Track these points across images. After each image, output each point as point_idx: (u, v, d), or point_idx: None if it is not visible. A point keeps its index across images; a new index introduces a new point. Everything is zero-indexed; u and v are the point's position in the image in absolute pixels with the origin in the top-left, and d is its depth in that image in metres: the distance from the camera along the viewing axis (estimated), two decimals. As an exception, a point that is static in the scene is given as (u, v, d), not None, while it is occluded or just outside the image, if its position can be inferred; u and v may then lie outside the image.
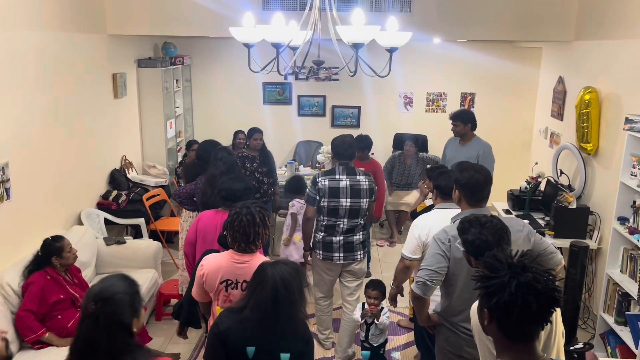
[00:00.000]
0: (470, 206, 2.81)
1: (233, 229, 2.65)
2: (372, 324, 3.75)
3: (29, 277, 3.54)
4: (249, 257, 2.66)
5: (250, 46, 2.99)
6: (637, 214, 3.77)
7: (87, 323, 1.82)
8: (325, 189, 3.82)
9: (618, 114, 4.40)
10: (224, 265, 2.67)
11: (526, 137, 7.20)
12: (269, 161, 5.62)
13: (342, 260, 3.92)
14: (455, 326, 2.72)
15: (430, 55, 7.25)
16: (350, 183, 3.83)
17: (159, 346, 4.22)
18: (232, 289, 2.66)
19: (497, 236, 2.29)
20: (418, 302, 2.73)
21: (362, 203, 3.84)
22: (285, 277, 2.21)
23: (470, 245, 2.32)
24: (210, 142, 4.79)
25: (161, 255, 4.99)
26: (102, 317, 1.80)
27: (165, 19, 5.60)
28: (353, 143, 3.98)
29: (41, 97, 4.37)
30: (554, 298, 1.51)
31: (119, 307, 1.84)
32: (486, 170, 2.88)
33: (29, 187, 4.22)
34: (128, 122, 6.27)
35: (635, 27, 4.30)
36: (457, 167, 2.94)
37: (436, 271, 2.62)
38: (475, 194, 2.79)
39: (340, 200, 3.82)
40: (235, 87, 7.56)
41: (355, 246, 3.94)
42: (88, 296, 1.86)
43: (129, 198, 5.64)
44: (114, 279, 1.94)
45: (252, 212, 2.66)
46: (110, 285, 1.89)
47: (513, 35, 5.64)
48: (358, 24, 2.69)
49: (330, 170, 3.91)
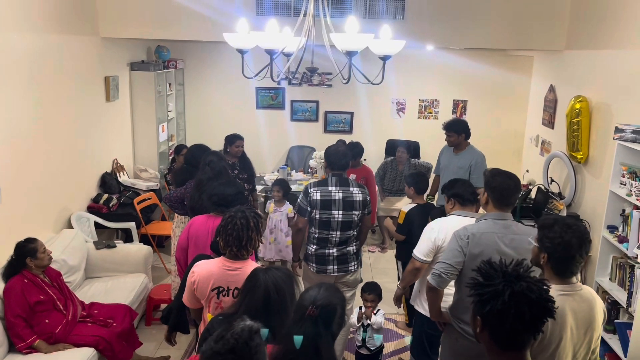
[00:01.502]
0: (497, 209, 2.81)
1: (226, 232, 2.64)
2: (368, 327, 3.76)
3: (7, 282, 3.52)
4: (240, 264, 2.66)
5: (244, 52, 2.99)
6: (626, 223, 3.80)
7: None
8: (317, 200, 3.66)
9: (608, 123, 4.45)
10: (215, 272, 2.66)
11: (517, 144, 7.25)
12: (249, 167, 5.62)
13: (337, 272, 3.78)
14: (463, 328, 2.79)
15: (423, 62, 7.29)
16: (343, 195, 3.67)
17: (149, 351, 4.19)
18: (224, 295, 2.65)
19: (581, 240, 2.12)
20: (432, 293, 2.82)
21: (355, 215, 3.70)
22: (278, 282, 2.20)
23: (550, 242, 2.14)
24: (199, 147, 4.75)
25: (152, 260, 4.96)
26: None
27: (158, 23, 5.59)
28: (347, 152, 3.84)
29: (32, 100, 4.35)
30: (548, 308, 1.51)
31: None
32: (517, 178, 2.89)
33: (19, 190, 4.18)
34: (120, 126, 6.24)
35: (625, 38, 4.36)
36: (490, 172, 2.93)
37: (452, 265, 2.72)
38: (504, 199, 2.80)
39: (332, 212, 3.66)
40: (228, 92, 7.55)
41: (349, 257, 3.80)
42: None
43: (119, 202, 5.61)
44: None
45: (246, 216, 2.66)
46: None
47: (505, 43, 5.69)
48: (352, 32, 2.70)
49: (323, 181, 3.77)
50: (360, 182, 5.83)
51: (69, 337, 3.60)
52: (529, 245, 2.35)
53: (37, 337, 3.49)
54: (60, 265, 4.10)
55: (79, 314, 3.79)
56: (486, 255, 2.62)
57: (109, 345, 3.65)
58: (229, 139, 5.57)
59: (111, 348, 3.65)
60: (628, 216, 3.75)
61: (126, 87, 6.34)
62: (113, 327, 3.79)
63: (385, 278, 5.44)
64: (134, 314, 4.12)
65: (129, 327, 3.92)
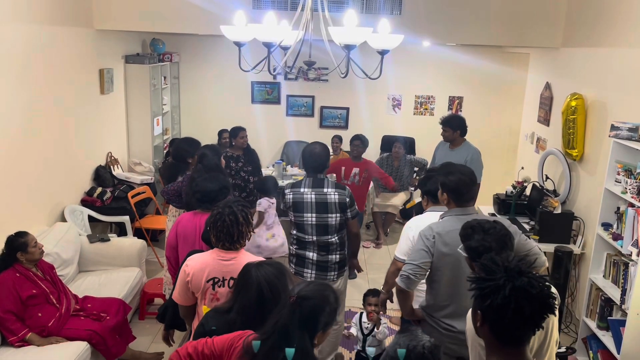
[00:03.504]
0: (458, 206, 2.86)
1: (216, 229, 2.63)
2: (369, 335, 3.71)
3: None
4: (234, 254, 2.65)
5: (241, 45, 2.97)
6: (620, 220, 3.81)
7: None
8: (290, 202, 3.55)
9: (604, 121, 4.45)
10: (210, 263, 2.65)
11: (512, 141, 7.26)
12: (254, 159, 5.59)
13: (313, 278, 3.59)
14: (438, 322, 2.80)
15: (419, 58, 7.28)
16: (316, 197, 3.49)
17: (143, 346, 4.18)
18: (219, 286, 2.64)
19: (501, 242, 2.28)
20: (402, 295, 2.82)
21: (330, 218, 3.50)
22: (270, 278, 2.19)
23: (474, 252, 2.29)
24: (187, 141, 4.64)
25: (145, 254, 4.94)
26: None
27: (153, 15, 5.54)
28: (322, 154, 3.57)
29: (25, 91, 4.30)
30: (548, 304, 1.51)
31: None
32: (470, 171, 2.94)
33: (12, 183, 4.14)
34: (114, 119, 6.20)
35: (621, 36, 4.36)
36: (442, 170, 2.99)
37: (420, 266, 2.72)
38: (463, 196, 2.85)
39: (305, 215, 3.51)
40: (224, 86, 7.51)
41: (330, 266, 3.60)
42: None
43: (113, 195, 5.57)
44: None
45: (234, 211, 2.64)
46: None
47: (501, 40, 5.69)
48: (350, 25, 2.68)
49: (297, 183, 3.61)
50: (364, 176, 5.86)
51: (62, 330, 3.57)
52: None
53: (28, 330, 3.47)
54: (53, 258, 4.07)
55: (73, 308, 3.77)
56: (456, 253, 2.65)
57: (102, 339, 3.62)
58: (232, 131, 5.58)
59: (104, 342, 3.63)
60: (623, 214, 3.76)
61: (121, 80, 6.29)
62: (106, 321, 3.76)
63: (379, 274, 5.43)
64: (127, 308, 4.09)
65: (123, 321, 3.90)
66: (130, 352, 3.94)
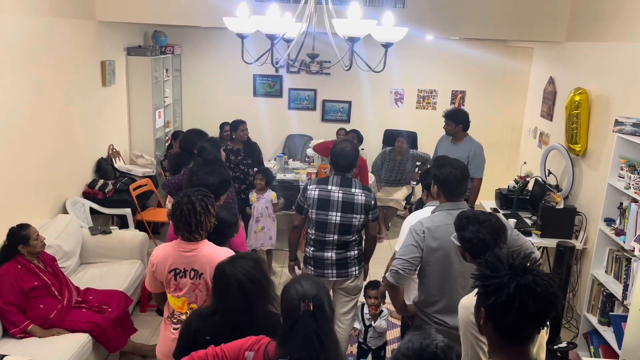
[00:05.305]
0: (448, 200, 2.87)
1: (175, 218, 2.62)
2: (369, 327, 3.71)
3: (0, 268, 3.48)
4: (195, 246, 2.64)
5: (244, 37, 2.95)
6: (623, 216, 3.80)
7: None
8: (314, 199, 3.44)
9: (607, 116, 4.43)
10: (171, 253, 2.66)
11: (515, 136, 7.24)
12: (255, 153, 5.58)
13: (335, 277, 3.53)
14: (429, 317, 2.81)
15: (422, 52, 7.25)
16: (344, 196, 3.41)
17: (144, 338, 4.18)
18: (181, 277, 2.65)
19: (495, 235, 2.29)
20: (392, 290, 2.82)
21: (355, 219, 3.43)
22: (247, 271, 2.12)
23: (468, 243, 2.32)
24: (194, 132, 4.67)
25: (147, 246, 4.93)
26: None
27: (156, 7, 5.51)
28: (352, 153, 3.52)
29: (27, 83, 4.29)
30: (553, 303, 1.48)
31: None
32: (463, 165, 2.94)
33: (13, 175, 4.14)
34: (116, 111, 6.18)
35: (626, 30, 4.33)
36: (435, 164, 2.99)
37: (409, 261, 2.72)
38: (454, 190, 2.86)
39: (330, 213, 3.42)
40: (226, 78, 7.49)
41: (350, 262, 3.54)
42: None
43: (115, 188, 5.57)
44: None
45: (192, 200, 2.61)
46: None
47: (505, 34, 5.66)
48: (354, 18, 2.66)
49: (324, 179, 3.52)
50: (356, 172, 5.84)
51: (64, 322, 3.58)
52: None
53: (30, 322, 3.47)
54: (55, 250, 4.07)
55: (74, 300, 3.77)
56: (445, 248, 2.67)
57: (104, 331, 3.63)
58: (233, 125, 5.56)
59: (106, 334, 3.64)
60: (626, 209, 3.75)
61: (122, 72, 6.27)
62: (108, 313, 3.77)
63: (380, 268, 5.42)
64: (129, 300, 4.10)
65: (124, 314, 3.90)
66: (132, 344, 3.94)
